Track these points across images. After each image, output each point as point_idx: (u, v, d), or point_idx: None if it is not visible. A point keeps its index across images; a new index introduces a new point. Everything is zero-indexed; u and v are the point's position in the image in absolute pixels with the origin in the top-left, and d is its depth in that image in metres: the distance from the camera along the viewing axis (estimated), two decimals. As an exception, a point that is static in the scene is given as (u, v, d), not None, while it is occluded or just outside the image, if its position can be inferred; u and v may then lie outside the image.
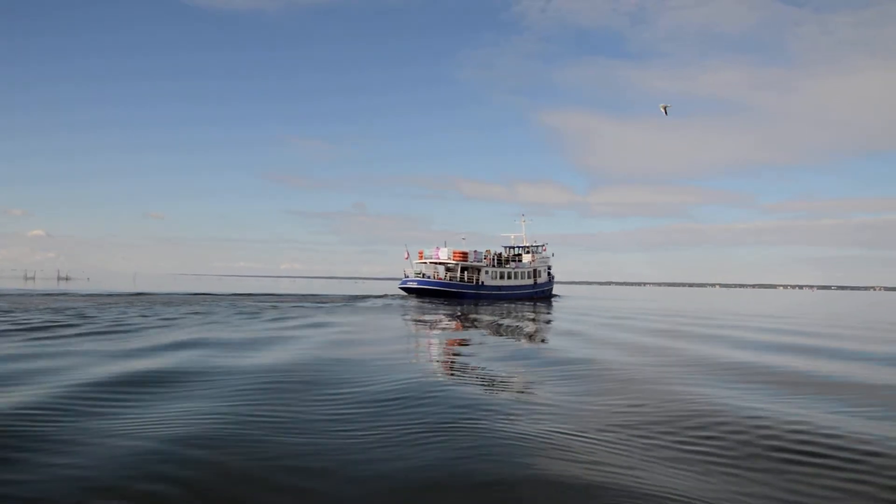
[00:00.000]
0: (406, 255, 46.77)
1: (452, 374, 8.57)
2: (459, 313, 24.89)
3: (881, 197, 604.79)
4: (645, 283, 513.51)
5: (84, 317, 16.67)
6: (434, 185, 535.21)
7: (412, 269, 46.71)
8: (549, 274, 57.68)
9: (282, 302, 29.10)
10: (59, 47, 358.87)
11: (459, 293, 44.75)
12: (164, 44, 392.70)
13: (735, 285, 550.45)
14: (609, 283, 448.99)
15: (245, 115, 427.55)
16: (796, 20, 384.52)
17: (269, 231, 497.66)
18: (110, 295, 31.32)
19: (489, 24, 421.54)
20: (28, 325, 13.79)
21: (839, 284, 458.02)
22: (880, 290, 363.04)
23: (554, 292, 60.33)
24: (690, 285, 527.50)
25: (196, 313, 19.69)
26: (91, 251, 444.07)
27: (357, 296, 40.45)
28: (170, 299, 28.45)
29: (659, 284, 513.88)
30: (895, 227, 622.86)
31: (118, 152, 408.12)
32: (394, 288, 71.82)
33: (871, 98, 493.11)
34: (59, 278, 76.46)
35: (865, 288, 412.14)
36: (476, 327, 17.90)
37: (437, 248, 46.69)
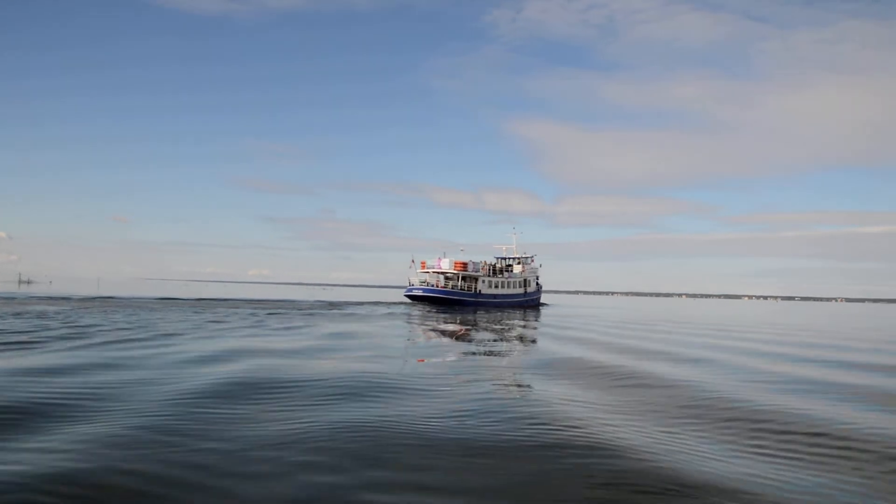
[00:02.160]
0: (411, 265, 50.96)
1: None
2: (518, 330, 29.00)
3: (842, 210, 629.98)
4: (612, 293, 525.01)
5: None
6: (401, 191, 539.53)
7: (416, 277, 50.82)
8: (537, 283, 62.39)
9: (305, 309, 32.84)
10: (23, 61, 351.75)
11: (460, 301, 49.02)
12: (130, 50, 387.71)
13: (701, 295, 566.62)
14: (577, 293, 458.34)
15: (213, 121, 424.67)
16: (760, 36, 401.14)
17: (237, 237, 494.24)
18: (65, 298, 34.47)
19: (459, 34, 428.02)
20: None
21: (802, 295, 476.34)
22: (842, 301, 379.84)
23: (542, 301, 65.03)
24: (657, 295, 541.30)
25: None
26: (53, 254, 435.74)
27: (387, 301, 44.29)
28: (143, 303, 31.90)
29: (626, 294, 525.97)
30: (856, 239, 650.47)
31: (87, 162, 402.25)
32: (375, 295, 75.65)
33: (831, 113, 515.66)
34: (20, 282, 74.97)
35: (828, 299, 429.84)
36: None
37: (439, 258, 51.02)
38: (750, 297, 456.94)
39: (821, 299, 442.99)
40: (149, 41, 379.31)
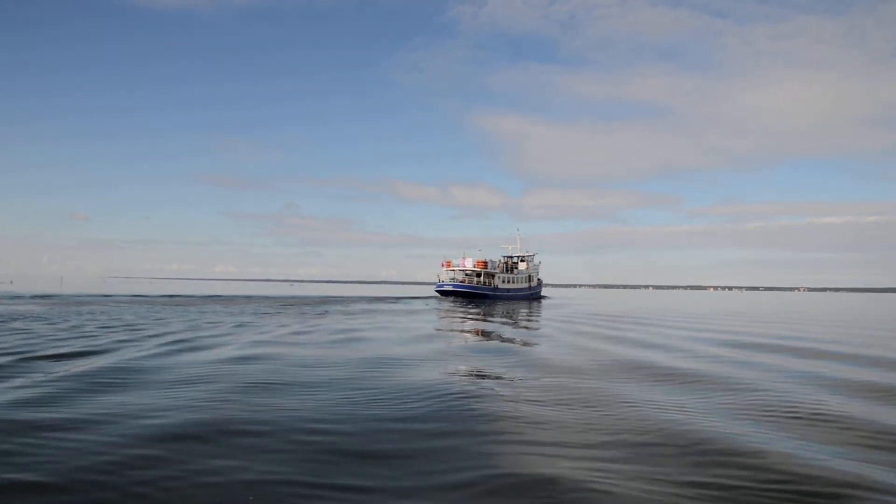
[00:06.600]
0: (442, 264, 61.85)
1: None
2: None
3: (802, 202, 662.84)
4: (579, 286, 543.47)
5: None
6: (367, 186, 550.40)
7: (445, 275, 61.60)
8: (538, 279, 73.86)
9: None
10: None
11: (482, 294, 59.99)
12: (95, 46, 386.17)
13: (667, 287, 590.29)
14: (546, 286, 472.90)
15: (174, 117, 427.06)
16: (719, 31, 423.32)
17: (202, 233, 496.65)
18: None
19: (422, 29, 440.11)
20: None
21: (766, 285, 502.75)
22: (804, 290, 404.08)
23: (542, 294, 76.57)
24: (624, 287, 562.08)
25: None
26: (13, 253, 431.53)
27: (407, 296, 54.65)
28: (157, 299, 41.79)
29: (593, 286, 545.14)
30: (816, 230, 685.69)
31: (43, 159, 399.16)
32: (365, 291, 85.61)
33: (788, 107, 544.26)
34: None
35: (791, 289, 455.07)
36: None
37: (463, 258, 62.04)
38: (715, 287, 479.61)
39: (783, 289, 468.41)
40: (108, 37, 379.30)
